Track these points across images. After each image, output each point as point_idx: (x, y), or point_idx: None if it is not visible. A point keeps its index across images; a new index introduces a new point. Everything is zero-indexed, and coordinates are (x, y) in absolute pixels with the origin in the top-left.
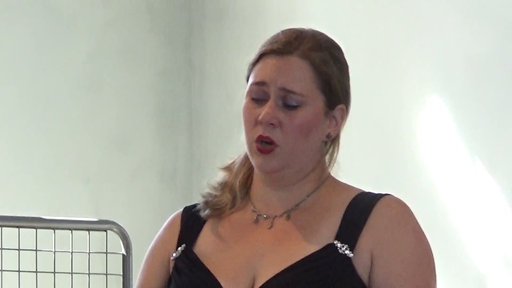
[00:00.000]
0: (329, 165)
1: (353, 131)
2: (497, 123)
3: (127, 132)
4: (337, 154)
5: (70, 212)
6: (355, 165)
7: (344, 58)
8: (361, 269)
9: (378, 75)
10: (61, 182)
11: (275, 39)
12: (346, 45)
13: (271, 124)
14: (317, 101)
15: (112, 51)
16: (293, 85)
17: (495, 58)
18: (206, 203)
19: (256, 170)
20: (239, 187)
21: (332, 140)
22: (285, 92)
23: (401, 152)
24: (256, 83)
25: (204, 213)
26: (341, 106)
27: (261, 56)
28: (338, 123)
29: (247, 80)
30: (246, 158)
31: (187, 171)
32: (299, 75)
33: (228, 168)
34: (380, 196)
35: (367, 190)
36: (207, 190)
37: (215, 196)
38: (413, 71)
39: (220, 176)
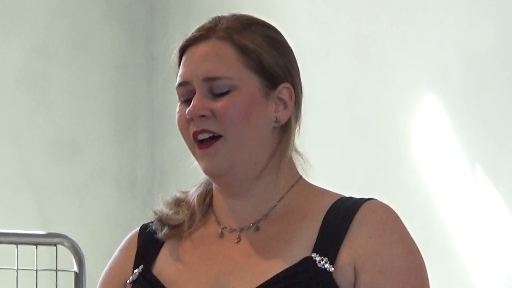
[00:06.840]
0: (285, 154)
1: (337, 133)
2: (500, 127)
3: (79, 134)
4: (293, 140)
5: (15, 224)
6: (338, 171)
7: (280, 37)
8: (344, 285)
9: (366, 73)
10: (4, 191)
11: (191, 32)
12: (330, 39)
13: (202, 116)
14: (250, 82)
15: (61, 43)
16: (216, 70)
17: (496, 56)
18: (161, 220)
19: (214, 188)
20: (198, 202)
21: (286, 125)
22: (210, 82)
23: (392, 157)
24: (180, 85)
25: (161, 234)
26: (285, 85)
27: (182, 54)
28: (288, 106)
29: None
30: (206, 180)
31: (147, 178)
32: (220, 58)
33: (185, 192)
34: (362, 201)
35: (348, 195)
36: (160, 206)
37: (170, 213)
38: (406, 69)
39: (176, 193)
